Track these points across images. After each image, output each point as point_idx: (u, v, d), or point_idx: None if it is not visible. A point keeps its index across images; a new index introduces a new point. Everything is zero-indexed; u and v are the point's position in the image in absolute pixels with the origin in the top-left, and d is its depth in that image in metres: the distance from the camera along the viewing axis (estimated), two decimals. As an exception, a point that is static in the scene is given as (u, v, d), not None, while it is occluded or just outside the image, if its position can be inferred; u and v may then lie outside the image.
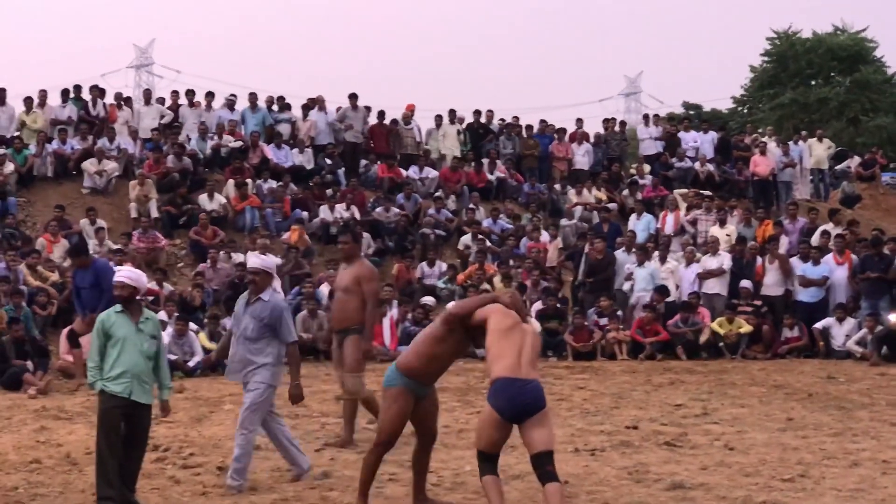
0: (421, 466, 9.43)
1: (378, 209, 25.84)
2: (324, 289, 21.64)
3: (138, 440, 9.79)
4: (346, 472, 10.95)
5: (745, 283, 22.20)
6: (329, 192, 26.09)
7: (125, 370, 9.54)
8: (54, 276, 20.72)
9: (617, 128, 32.16)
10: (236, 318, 10.57)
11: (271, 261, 10.95)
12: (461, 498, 9.87)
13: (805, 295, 22.08)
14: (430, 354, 9.03)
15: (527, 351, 8.54)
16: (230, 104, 28.81)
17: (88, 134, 26.29)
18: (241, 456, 10.25)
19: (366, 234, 23.66)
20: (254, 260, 10.75)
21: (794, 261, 22.44)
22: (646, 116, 33.47)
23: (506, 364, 8.42)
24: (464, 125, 29.89)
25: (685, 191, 28.23)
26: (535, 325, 8.77)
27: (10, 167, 24.33)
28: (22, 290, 19.41)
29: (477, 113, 30.57)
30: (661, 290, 22.01)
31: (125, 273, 10.09)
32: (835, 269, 22.08)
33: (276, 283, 11.12)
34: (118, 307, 9.83)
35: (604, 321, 21.51)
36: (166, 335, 18.32)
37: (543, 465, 8.28)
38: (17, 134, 25.90)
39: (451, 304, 9.65)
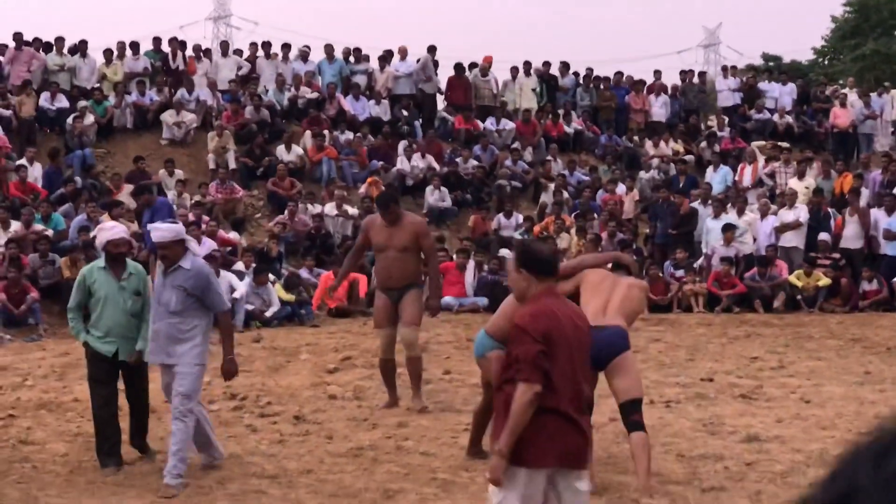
0: (482, 422, 9.38)
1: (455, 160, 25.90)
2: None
3: (136, 394, 9.86)
4: (423, 423, 11.04)
5: (824, 236, 21.95)
6: (405, 143, 26.16)
7: (109, 330, 9.45)
8: (134, 227, 20.90)
9: (695, 79, 31.92)
10: (156, 291, 9.33)
11: (177, 227, 9.44)
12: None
13: (891, 248, 21.70)
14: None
15: (614, 300, 8.54)
16: (304, 55, 28.88)
17: (165, 86, 26.52)
18: (180, 450, 8.98)
19: (443, 188, 23.89)
20: (157, 233, 9.19)
21: (878, 213, 22.11)
22: (724, 68, 33.12)
23: (588, 316, 8.40)
24: (538, 78, 29.73)
25: (763, 143, 27.96)
26: (641, 283, 8.75)
27: (90, 118, 24.58)
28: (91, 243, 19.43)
29: (546, 64, 30.44)
30: (728, 228, 21.76)
31: (121, 230, 9.99)
32: (916, 223, 21.75)
33: (194, 247, 9.84)
34: (101, 262, 9.67)
35: (680, 273, 21.43)
36: (244, 285, 18.50)
37: (629, 415, 8.28)
38: (97, 86, 26.15)
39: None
